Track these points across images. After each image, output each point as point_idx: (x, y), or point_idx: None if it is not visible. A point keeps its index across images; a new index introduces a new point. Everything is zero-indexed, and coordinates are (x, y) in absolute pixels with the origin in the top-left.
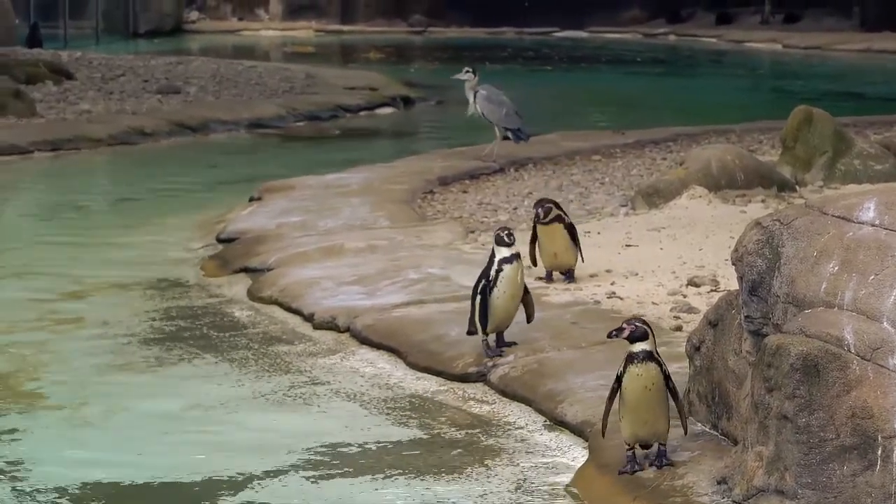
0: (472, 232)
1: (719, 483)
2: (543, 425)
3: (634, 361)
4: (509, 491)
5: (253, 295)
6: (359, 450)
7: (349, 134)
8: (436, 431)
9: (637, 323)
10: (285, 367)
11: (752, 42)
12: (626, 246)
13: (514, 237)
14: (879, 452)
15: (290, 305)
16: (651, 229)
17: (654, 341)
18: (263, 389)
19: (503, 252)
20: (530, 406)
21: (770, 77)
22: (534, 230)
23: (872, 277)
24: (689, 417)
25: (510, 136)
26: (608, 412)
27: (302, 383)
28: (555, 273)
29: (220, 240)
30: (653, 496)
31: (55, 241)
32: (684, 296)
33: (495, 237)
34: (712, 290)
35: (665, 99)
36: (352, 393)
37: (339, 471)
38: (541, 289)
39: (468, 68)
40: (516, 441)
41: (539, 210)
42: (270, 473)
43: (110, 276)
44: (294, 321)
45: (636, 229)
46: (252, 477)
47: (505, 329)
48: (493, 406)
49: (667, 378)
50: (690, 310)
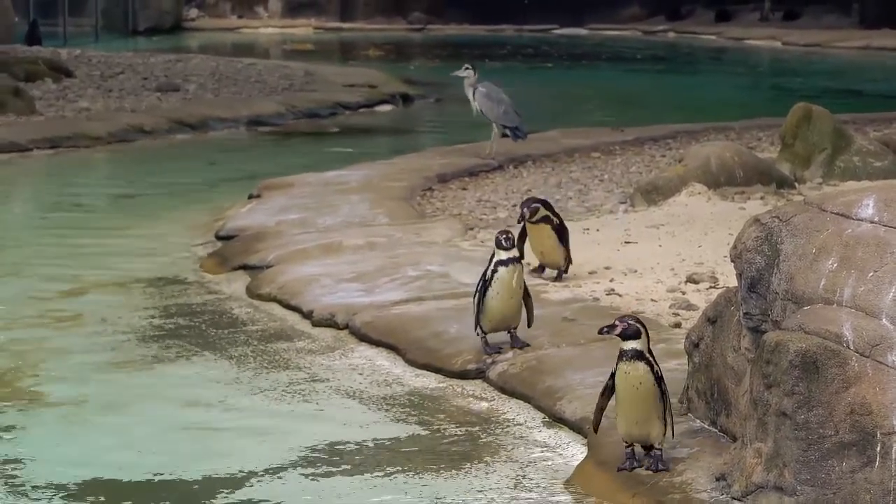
0: (472, 229)
1: (718, 479)
2: (542, 422)
3: (624, 359)
4: (508, 487)
5: (252, 292)
6: (357, 447)
7: (348, 131)
8: (434, 428)
9: (630, 321)
10: (284, 365)
11: (752, 39)
12: (625, 243)
13: (514, 240)
14: (878, 449)
15: (289, 302)
16: (650, 226)
17: (648, 341)
18: (262, 386)
19: (501, 255)
20: (529, 403)
21: (769, 74)
22: (523, 227)
23: (871, 274)
24: (688, 414)
25: (508, 134)
26: (600, 408)
27: (301, 380)
28: (547, 268)
29: (220, 237)
30: (652, 493)
31: (54, 239)
32: (683, 293)
33: (495, 240)
34: (711, 287)
35: (664, 96)
36: (351, 390)
37: (338, 468)
38: (540, 286)
39: (467, 65)
40: (515, 438)
41: (525, 210)
42: (269, 471)
43: (109, 274)
44: (293, 318)
45: (635, 226)
46: (251, 474)
47: (512, 329)
48: (492, 403)
49: (659, 379)
50: (689, 307)
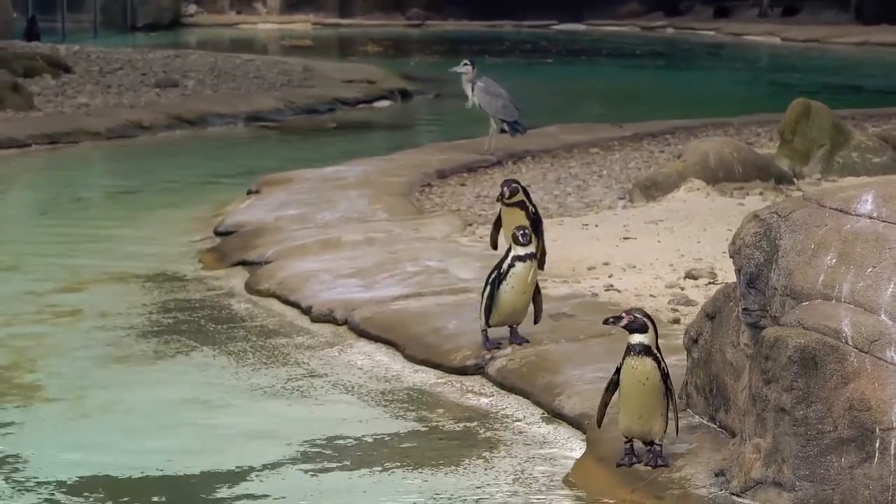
0: (470, 225)
1: (717, 475)
2: (541, 418)
3: (631, 354)
4: (507, 483)
5: (251, 288)
6: (356, 442)
7: (347, 127)
8: (433, 424)
9: (637, 314)
10: (283, 360)
11: (750, 35)
12: (624, 239)
13: (530, 236)
14: (877, 444)
15: (288, 298)
16: (649, 222)
17: (656, 336)
18: (261, 382)
19: (518, 250)
20: (528, 398)
21: (768, 70)
22: (499, 214)
23: (870, 270)
24: (687, 410)
25: (507, 129)
26: (605, 403)
27: (300, 376)
28: None
29: (218, 233)
30: (650, 488)
31: (53, 235)
32: (682, 288)
33: (512, 235)
34: (710, 283)
35: (663, 92)
36: (349, 386)
37: (337, 463)
38: (539, 282)
39: (466, 61)
40: (514, 433)
41: (504, 188)
42: (268, 466)
43: (108, 269)
44: (292, 314)
45: (634, 222)
46: (250, 469)
47: (516, 324)
48: (491, 399)
49: (665, 376)
50: (688, 302)
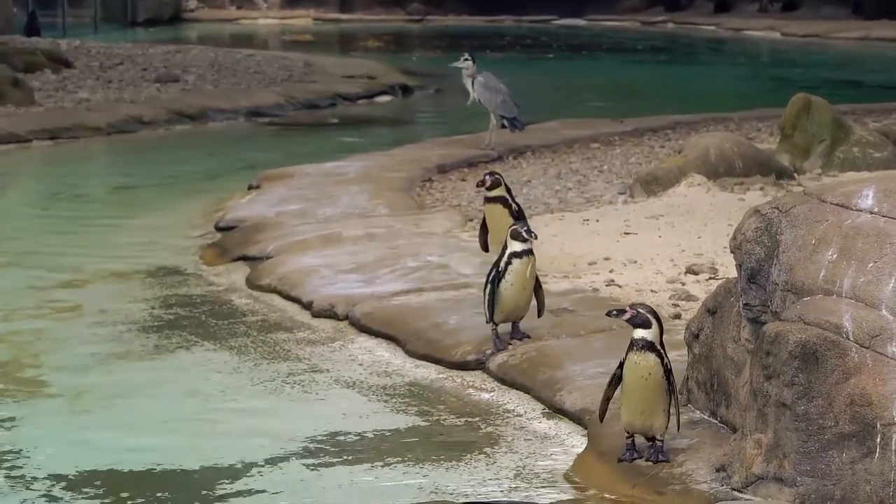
0: (471, 220)
1: (718, 470)
2: (542, 413)
3: (634, 349)
4: (508, 478)
5: (252, 283)
6: (357, 437)
7: (347, 122)
8: (434, 419)
9: (641, 309)
10: (284, 355)
11: (751, 30)
12: (625, 234)
13: (532, 233)
14: (878, 440)
15: (289, 293)
16: (649, 217)
17: (660, 332)
18: (262, 377)
19: (515, 246)
20: (529, 394)
21: (768, 65)
22: (484, 216)
23: (871, 265)
24: (688, 405)
25: (506, 125)
26: (607, 398)
27: (301, 371)
28: None
29: (219, 228)
30: (652, 483)
31: (54, 230)
32: (683, 283)
33: (510, 231)
34: (711, 278)
35: (664, 87)
36: (350, 381)
37: (338, 458)
38: (540, 277)
39: (466, 56)
40: (515, 428)
41: (487, 177)
42: (269, 461)
43: (109, 265)
44: (293, 309)
45: (635, 217)
46: (251, 464)
47: (518, 320)
48: (492, 394)
49: (668, 372)
50: (689, 297)
